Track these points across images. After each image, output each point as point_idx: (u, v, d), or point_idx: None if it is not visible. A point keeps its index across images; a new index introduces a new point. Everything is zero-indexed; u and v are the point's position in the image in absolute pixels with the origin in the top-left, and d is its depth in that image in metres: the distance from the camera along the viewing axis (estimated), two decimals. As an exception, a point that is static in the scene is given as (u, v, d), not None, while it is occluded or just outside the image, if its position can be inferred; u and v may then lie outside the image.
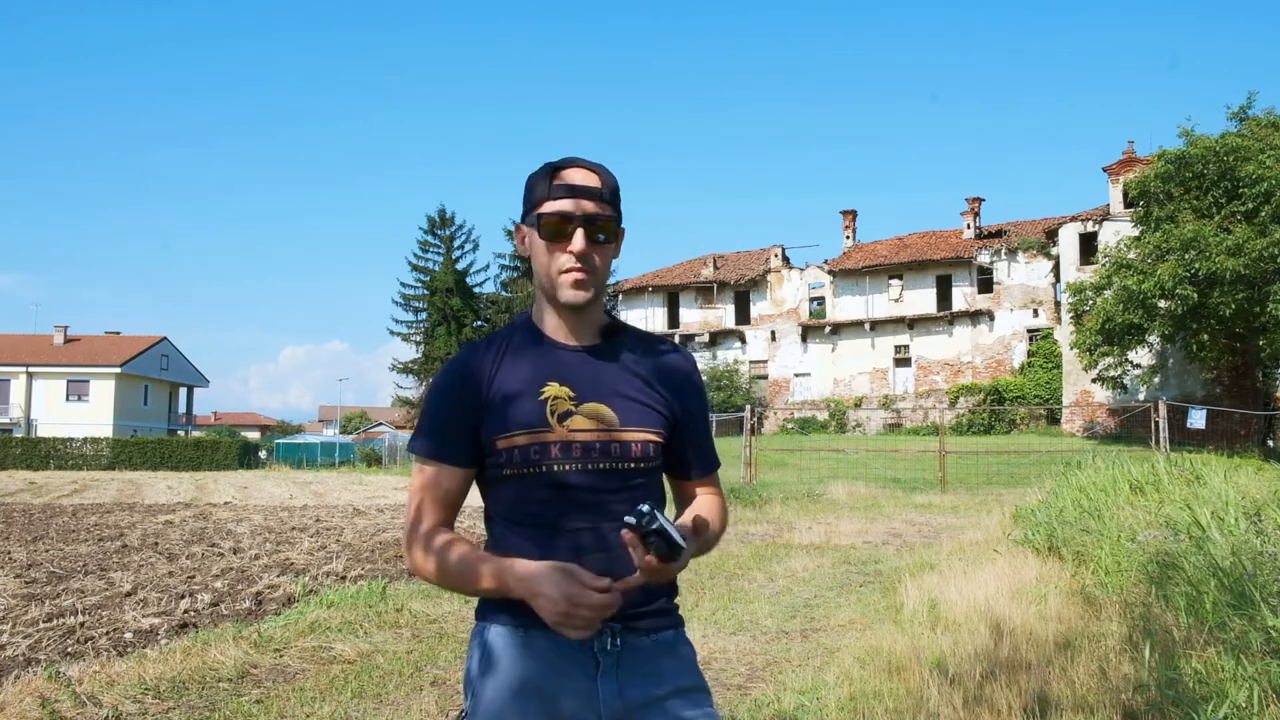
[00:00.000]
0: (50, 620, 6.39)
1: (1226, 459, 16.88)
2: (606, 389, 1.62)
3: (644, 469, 1.62)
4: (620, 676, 1.57)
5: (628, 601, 1.52)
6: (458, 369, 1.63)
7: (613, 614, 1.46)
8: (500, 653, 1.56)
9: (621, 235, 1.69)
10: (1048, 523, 8.04)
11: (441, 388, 1.64)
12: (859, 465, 24.02)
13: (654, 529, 1.41)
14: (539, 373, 1.60)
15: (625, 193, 1.69)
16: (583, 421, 1.58)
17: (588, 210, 1.59)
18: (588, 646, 1.56)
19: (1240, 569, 4.24)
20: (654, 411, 1.64)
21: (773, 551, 9.58)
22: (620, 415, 1.61)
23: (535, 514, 1.57)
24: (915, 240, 46.45)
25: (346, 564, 9.14)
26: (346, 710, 4.28)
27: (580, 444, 1.57)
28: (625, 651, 1.58)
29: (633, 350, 1.68)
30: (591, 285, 1.60)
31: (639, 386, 1.65)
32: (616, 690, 1.56)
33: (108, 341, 60.02)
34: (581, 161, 1.64)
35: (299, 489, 24.75)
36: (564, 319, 1.64)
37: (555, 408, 1.58)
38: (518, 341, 1.65)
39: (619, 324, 1.72)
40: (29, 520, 15.46)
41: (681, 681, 1.62)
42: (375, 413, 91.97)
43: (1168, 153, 28.92)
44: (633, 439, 1.61)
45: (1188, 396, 30.70)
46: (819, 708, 4.02)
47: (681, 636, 1.68)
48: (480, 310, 49.91)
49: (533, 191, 1.64)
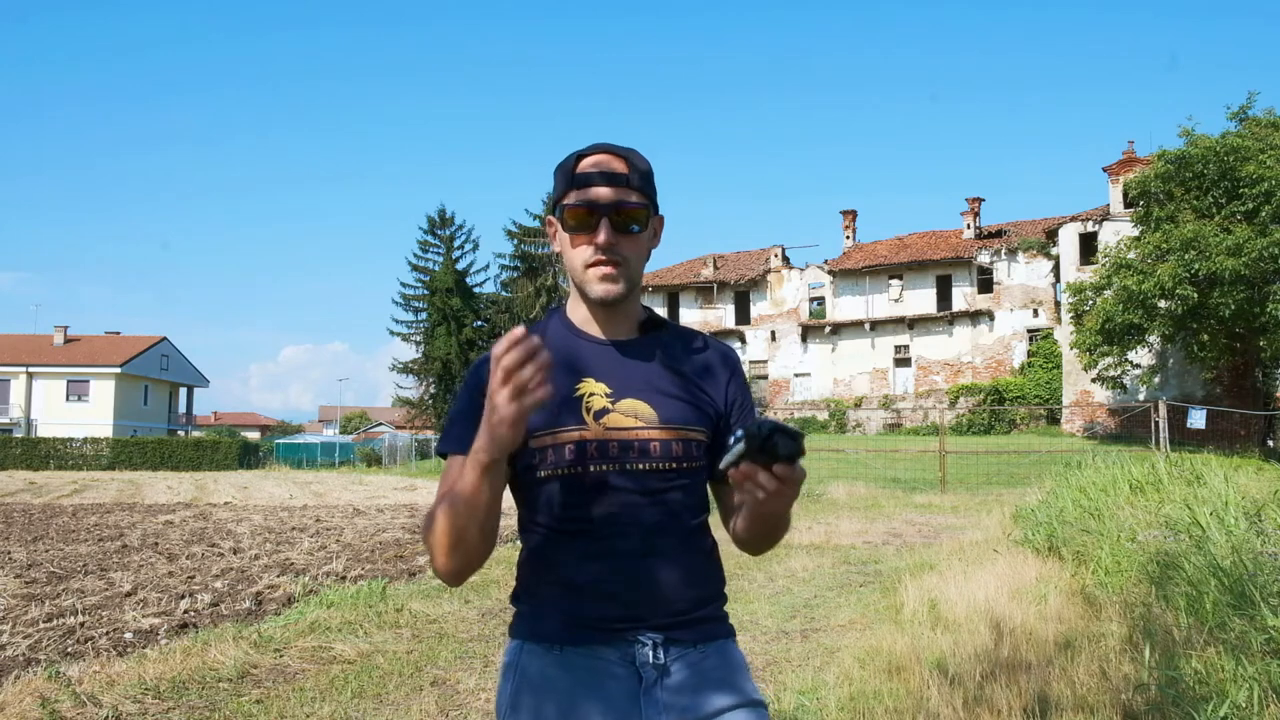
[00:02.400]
0: (50, 620, 6.39)
1: (1226, 459, 16.89)
2: (645, 385, 1.52)
3: (686, 469, 1.51)
4: (665, 693, 1.45)
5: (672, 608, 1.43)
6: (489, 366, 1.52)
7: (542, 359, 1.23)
8: (533, 674, 1.47)
9: (659, 223, 1.58)
10: (1048, 523, 8.04)
11: (472, 385, 1.51)
12: (859, 465, 24.02)
13: (773, 428, 1.23)
14: (574, 369, 1.51)
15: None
16: (620, 419, 1.48)
17: (613, 198, 1.48)
18: (629, 661, 1.45)
19: (1240, 569, 4.24)
20: (696, 409, 1.54)
21: (773, 551, 9.55)
22: (660, 412, 1.50)
23: (573, 516, 1.46)
24: (915, 240, 46.44)
25: (346, 564, 9.14)
26: (346, 710, 4.28)
27: (618, 442, 1.47)
28: (670, 665, 1.47)
29: (673, 346, 1.58)
30: (622, 278, 1.51)
31: (680, 383, 1.54)
32: (661, 709, 1.44)
33: (108, 341, 60.01)
34: (608, 146, 1.53)
35: (299, 489, 24.75)
36: (597, 314, 1.55)
37: (591, 405, 1.48)
38: (551, 337, 1.55)
39: (658, 318, 1.63)
40: (29, 520, 15.46)
41: (731, 698, 1.48)
42: (375, 413, 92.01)
43: (1168, 153, 28.90)
44: (674, 437, 1.50)
45: (1188, 396, 30.69)
46: (819, 708, 4.01)
47: (732, 646, 1.55)
48: (480, 310, 49.92)
49: (557, 182, 1.54)
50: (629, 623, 1.46)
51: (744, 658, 1.57)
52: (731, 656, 1.54)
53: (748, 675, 1.54)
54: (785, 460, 1.25)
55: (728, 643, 1.55)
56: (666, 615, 1.46)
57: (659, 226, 1.60)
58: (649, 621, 1.47)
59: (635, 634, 1.46)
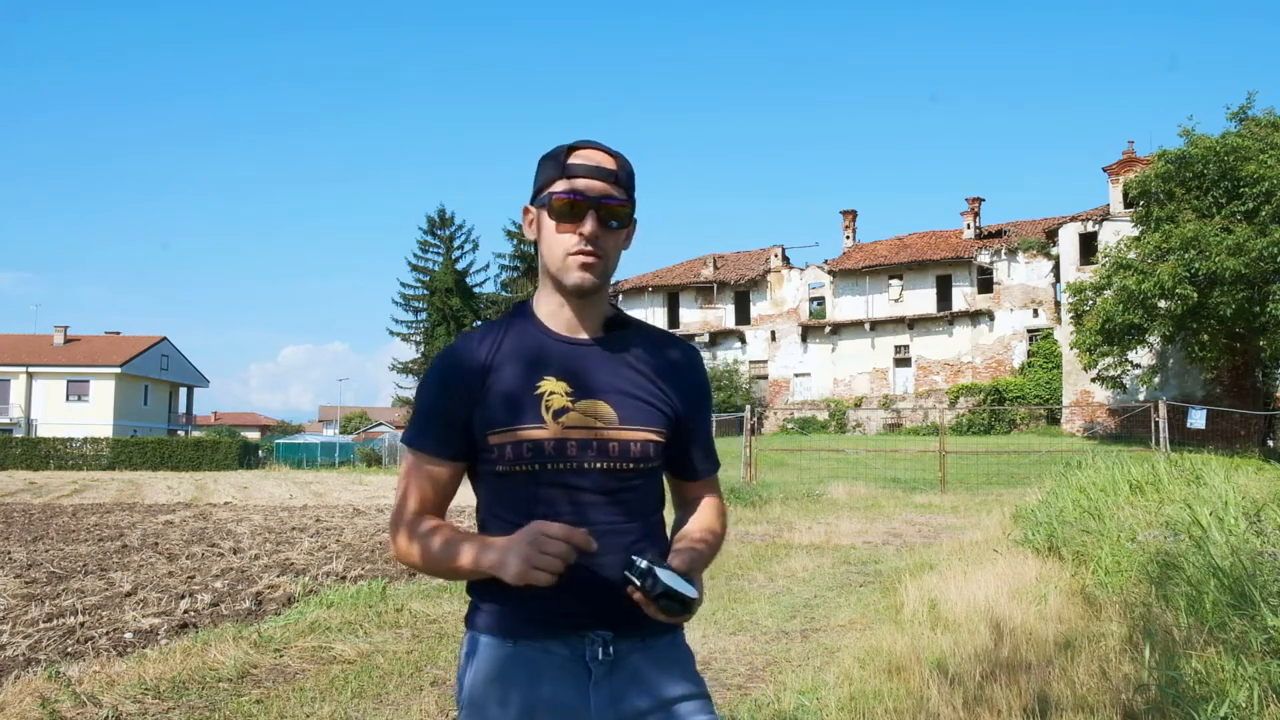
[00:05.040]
0: (50, 620, 6.39)
1: (1226, 459, 16.87)
2: (606, 385, 1.53)
3: (644, 469, 1.54)
4: (613, 686, 1.49)
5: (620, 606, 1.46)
6: (451, 360, 1.55)
7: (588, 549, 1.40)
8: (488, 666, 1.50)
9: (634, 226, 1.61)
10: (1048, 523, 8.04)
11: (434, 379, 1.56)
12: (859, 465, 24.02)
13: (660, 592, 1.35)
14: (535, 366, 1.52)
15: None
16: (579, 419, 1.50)
17: (601, 192, 1.51)
18: (579, 656, 1.49)
19: (1240, 569, 4.24)
20: (655, 410, 1.56)
21: (773, 551, 9.58)
22: (620, 413, 1.52)
23: (528, 514, 1.47)
24: (915, 240, 46.45)
25: (346, 564, 9.14)
26: (346, 710, 4.28)
27: (576, 442, 1.49)
28: (619, 660, 1.50)
29: (636, 345, 1.59)
30: (600, 270, 1.53)
31: (641, 383, 1.56)
32: (609, 701, 1.48)
33: (108, 341, 60.02)
34: (597, 144, 1.56)
35: (299, 489, 24.75)
36: (568, 308, 1.56)
37: (551, 404, 1.50)
38: (515, 332, 1.57)
39: (624, 317, 1.63)
40: (29, 520, 15.46)
41: (678, 690, 1.53)
42: (375, 413, 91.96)
43: (1168, 152, 28.92)
44: (632, 438, 1.52)
45: (1188, 396, 30.69)
46: (819, 708, 4.01)
47: (679, 640, 1.60)
48: (480, 310, 50.01)
49: (544, 171, 1.56)
50: (580, 618, 1.50)
51: (691, 652, 1.62)
52: (677, 651, 1.58)
53: (693, 668, 1.59)
54: (669, 616, 1.39)
55: (676, 636, 1.59)
56: (618, 612, 1.48)
57: (633, 231, 1.62)
58: (601, 618, 1.50)
59: (586, 630, 1.50)
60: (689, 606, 1.38)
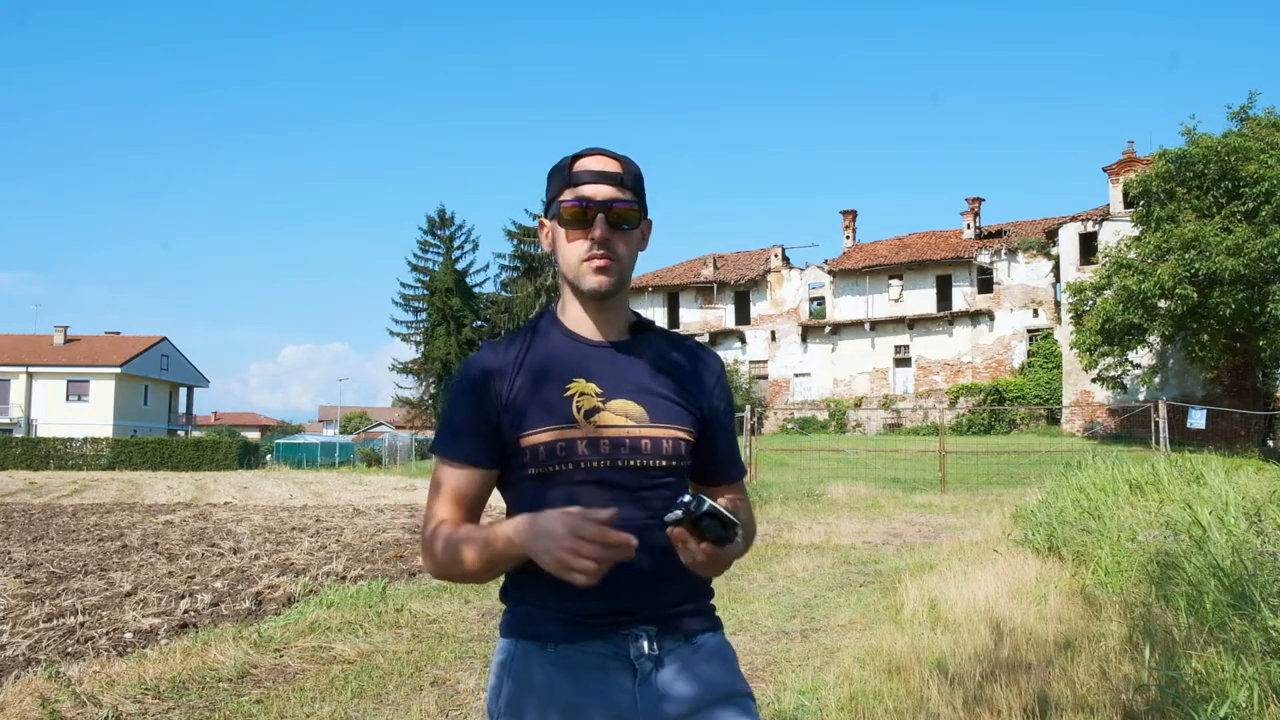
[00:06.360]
0: (50, 620, 6.39)
1: (1226, 459, 16.86)
2: (634, 385, 1.55)
3: (674, 467, 1.55)
4: (660, 684, 1.49)
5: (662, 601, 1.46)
6: (479, 366, 1.57)
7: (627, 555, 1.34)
8: (528, 671, 1.49)
9: (648, 227, 1.63)
10: (1048, 523, 8.04)
11: (462, 386, 1.57)
12: (859, 465, 24.03)
13: (705, 511, 1.34)
14: (564, 369, 1.54)
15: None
16: (611, 418, 1.51)
17: (608, 196, 1.53)
18: (623, 654, 1.49)
19: (1240, 569, 4.24)
20: (684, 409, 1.58)
21: (773, 551, 9.58)
22: (650, 411, 1.54)
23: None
24: (915, 240, 46.44)
25: (346, 564, 9.14)
26: (346, 710, 4.28)
27: (609, 439, 1.50)
28: (664, 657, 1.51)
29: (661, 348, 1.62)
30: (615, 273, 1.54)
31: (668, 384, 1.58)
32: (656, 699, 1.48)
33: (108, 341, 60.01)
34: (601, 150, 1.58)
35: (299, 489, 24.75)
36: (589, 313, 1.58)
37: (582, 404, 1.51)
38: (541, 337, 1.59)
39: (647, 322, 1.66)
40: (29, 520, 15.46)
41: (725, 687, 1.53)
42: (375, 413, 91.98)
43: (1169, 152, 28.92)
44: (664, 435, 1.54)
45: (1188, 396, 30.69)
46: (819, 708, 4.01)
47: (722, 639, 1.60)
48: (480, 310, 49.92)
49: (552, 183, 1.58)
50: (622, 617, 1.50)
51: (734, 650, 1.62)
52: (723, 649, 1.59)
53: (737, 667, 1.59)
54: (711, 542, 1.36)
55: (718, 634, 1.60)
56: (657, 609, 1.50)
57: (647, 230, 1.63)
58: (641, 615, 1.50)
59: (628, 628, 1.50)
60: (731, 533, 1.37)
